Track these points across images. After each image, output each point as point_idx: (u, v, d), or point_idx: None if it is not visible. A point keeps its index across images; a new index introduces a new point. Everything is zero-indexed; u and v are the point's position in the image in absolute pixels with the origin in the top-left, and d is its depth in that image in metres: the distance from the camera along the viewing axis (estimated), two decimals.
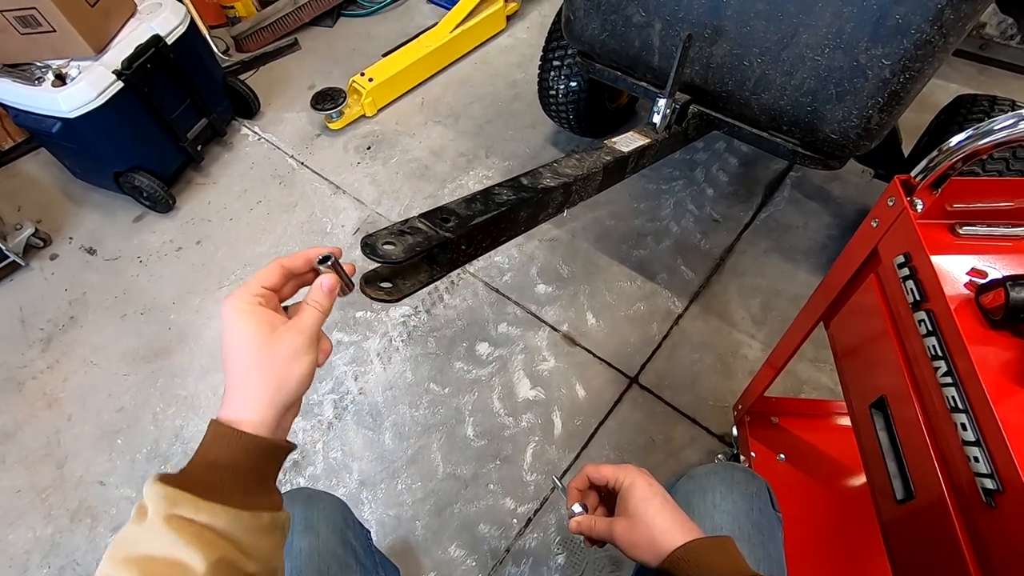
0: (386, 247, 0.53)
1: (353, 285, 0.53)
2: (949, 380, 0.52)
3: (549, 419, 1.33)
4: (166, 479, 0.42)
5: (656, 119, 1.10)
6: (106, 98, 1.49)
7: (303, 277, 0.52)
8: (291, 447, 0.48)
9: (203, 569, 0.40)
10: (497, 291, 1.56)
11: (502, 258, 1.62)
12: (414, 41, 2.10)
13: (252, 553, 0.43)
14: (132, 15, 1.60)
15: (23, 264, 1.67)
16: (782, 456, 1.07)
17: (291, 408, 0.48)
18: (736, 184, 1.72)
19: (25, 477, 1.33)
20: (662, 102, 1.08)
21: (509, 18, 2.28)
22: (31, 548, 1.24)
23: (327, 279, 0.50)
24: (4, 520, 1.27)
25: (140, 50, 1.52)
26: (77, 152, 1.65)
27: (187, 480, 0.42)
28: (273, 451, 0.46)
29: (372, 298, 0.54)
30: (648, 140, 1.04)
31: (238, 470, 0.44)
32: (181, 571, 0.39)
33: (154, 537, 0.40)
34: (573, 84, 1.58)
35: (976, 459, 0.48)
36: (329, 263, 0.50)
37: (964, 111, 1.22)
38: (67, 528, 1.26)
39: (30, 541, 1.24)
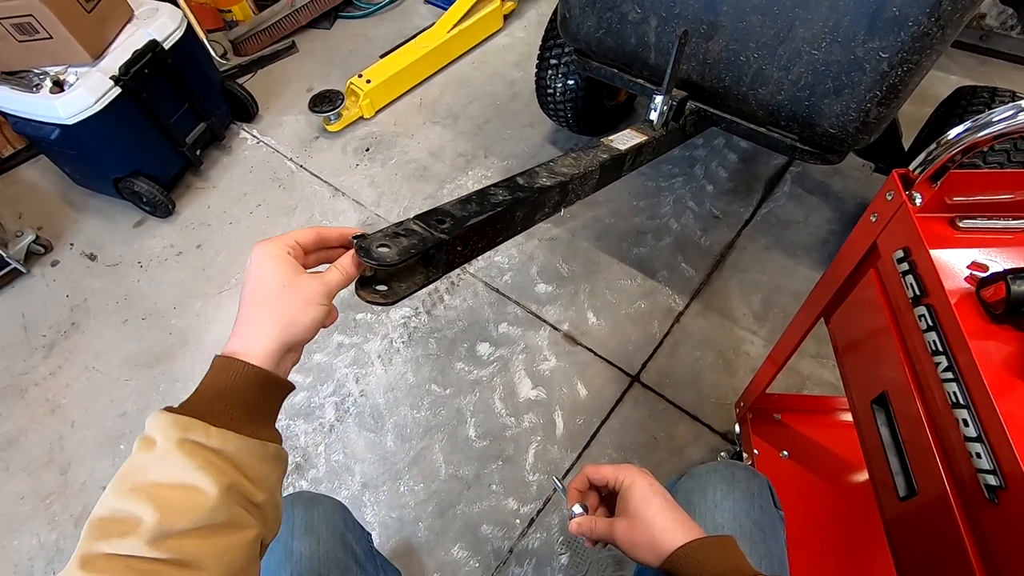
0: (381, 250, 0.52)
1: (374, 298, 0.55)
2: (950, 375, 0.52)
3: (551, 419, 1.33)
4: (173, 410, 0.43)
5: (653, 116, 1.09)
6: (104, 104, 1.49)
7: (330, 252, 0.55)
8: (292, 387, 0.50)
9: (215, 493, 0.40)
10: (497, 291, 1.55)
11: (502, 258, 1.61)
12: (411, 42, 2.10)
13: (259, 482, 0.44)
14: (129, 20, 1.60)
15: (24, 271, 1.67)
16: (785, 453, 1.07)
17: (293, 351, 0.50)
18: (736, 180, 1.71)
19: (29, 483, 1.33)
20: (659, 99, 1.08)
21: (506, 17, 2.27)
22: (35, 554, 1.24)
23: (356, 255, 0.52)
24: (8, 527, 1.28)
25: (137, 55, 1.52)
26: (76, 158, 1.66)
27: (195, 409, 0.43)
28: (277, 384, 0.48)
29: (368, 301, 0.54)
30: (645, 137, 1.04)
31: (245, 398, 0.45)
32: (193, 495, 0.40)
33: (165, 463, 0.40)
34: (571, 82, 1.58)
35: (978, 455, 0.48)
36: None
37: (964, 103, 1.21)
38: (71, 534, 1.26)
39: (34, 547, 1.25)
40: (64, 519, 1.28)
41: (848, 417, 1.11)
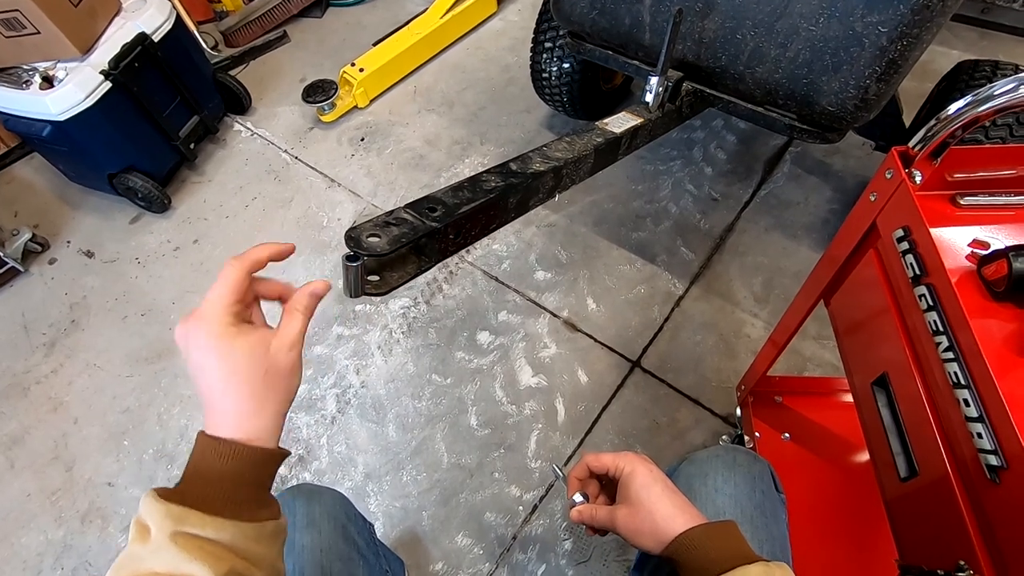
0: (371, 239, 0.52)
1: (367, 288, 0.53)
2: (951, 355, 0.51)
3: (552, 406, 1.33)
4: (165, 495, 0.42)
5: (649, 98, 1.07)
6: (95, 99, 1.47)
7: (265, 285, 0.51)
8: (286, 453, 0.48)
9: None
10: (496, 279, 1.55)
11: (500, 246, 1.60)
12: (404, 29, 2.07)
13: (258, 562, 0.44)
14: (117, 13, 1.58)
15: (22, 270, 1.67)
16: (786, 435, 1.07)
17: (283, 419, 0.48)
18: (735, 162, 1.69)
19: (35, 481, 1.34)
20: (654, 80, 1.06)
21: (500, 1, 2.24)
22: (44, 551, 1.25)
23: (319, 285, 0.49)
24: (16, 523, 1.29)
25: (127, 49, 1.50)
26: (69, 155, 1.64)
27: (188, 495, 0.42)
28: (275, 459, 0.47)
29: (359, 293, 0.53)
30: (641, 120, 1.02)
31: (239, 482, 0.44)
32: None
33: (160, 556, 0.40)
34: (566, 66, 1.55)
35: (979, 435, 0.47)
36: (356, 264, 0.49)
37: (966, 78, 1.19)
38: (78, 530, 1.27)
39: (42, 544, 1.26)
40: (71, 515, 1.28)
41: (849, 398, 1.10)
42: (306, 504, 0.72)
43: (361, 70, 1.93)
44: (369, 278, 0.55)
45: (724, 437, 1.24)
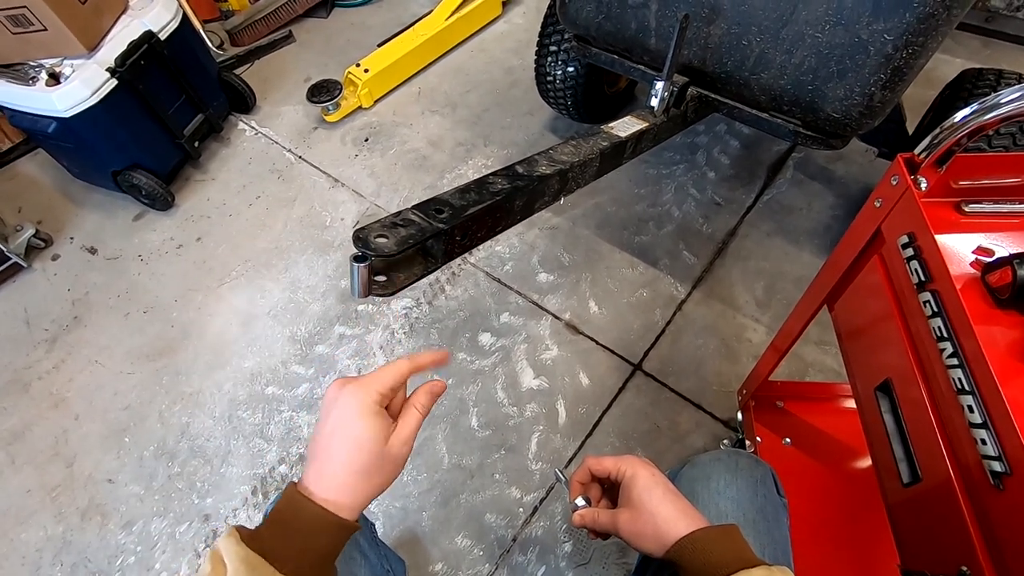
0: (379, 240, 0.52)
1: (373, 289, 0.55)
2: (955, 361, 0.51)
3: (553, 408, 1.33)
4: (248, 537, 0.45)
5: (654, 102, 1.08)
6: (101, 96, 1.48)
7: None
8: (358, 527, 0.51)
9: None
10: (499, 281, 1.55)
11: (503, 247, 1.61)
12: (409, 30, 2.08)
13: None
14: (124, 11, 1.59)
15: (25, 265, 1.67)
16: (787, 440, 1.07)
17: None
18: (738, 167, 1.70)
19: (35, 477, 1.34)
20: (660, 85, 1.06)
21: (505, 4, 2.25)
22: (43, 546, 1.25)
23: (437, 385, 0.55)
24: (16, 519, 1.28)
25: (133, 47, 1.50)
26: (74, 152, 1.65)
27: (270, 545, 0.45)
28: (350, 532, 0.49)
29: (365, 293, 0.54)
30: (646, 124, 1.02)
31: (321, 548, 0.47)
32: None
33: None
34: (570, 69, 1.56)
35: (983, 441, 0.47)
36: (364, 264, 0.52)
37: (969, 86, 1.20)
38: (78, 526, 1.27)
39: (42, 540, 1.26)
40: (70, 511, 1.28)
41: (851, 404, 1.10)
42: None
43: (366, 71, 1.94)
44: (376, 278, 0.55)
45: (725, 441, 1.24)
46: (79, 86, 1.44)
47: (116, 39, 1.51)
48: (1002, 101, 0.51)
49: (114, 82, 1.49)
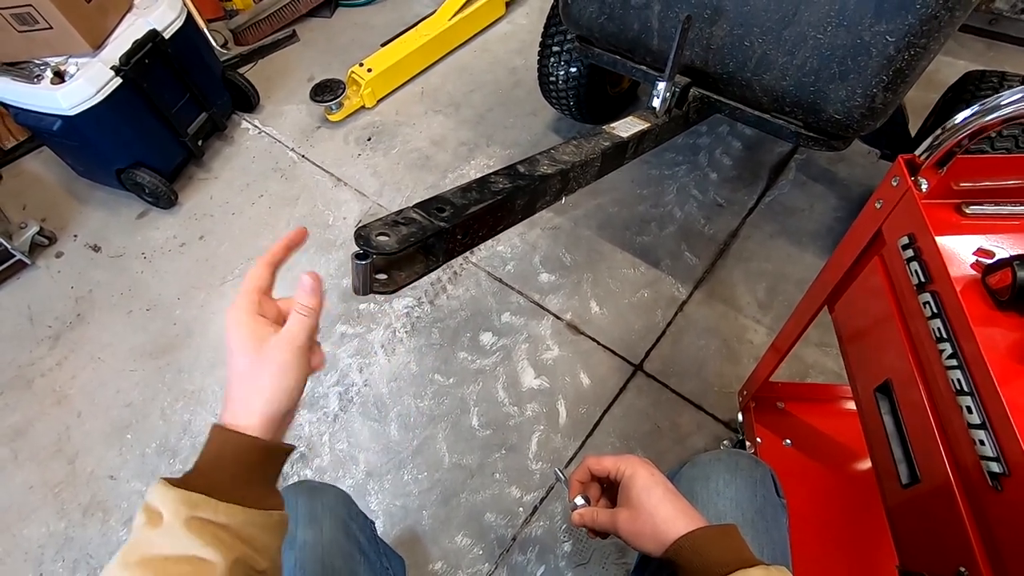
0: (380, 238, 0.52)
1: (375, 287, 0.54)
2: (954, 363, 0.51)
3: (554, 408, 1.33)
4: (177, 483, 0.43)
5: (656, 103, 1.08)
6: (105, 94, 1.48)
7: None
8: (291, 448, 0.50)
9: (223, 568, 0.41)
10: (500, 280, 1.55)
11: (504, 247, 1.61)
12: (413, 30, 2.08)
13: (263, 551, 0.45)
14: (129, 10, 1.59)
15: (29, 262, 1.68)
16: (788, 441, 1.07)
17: (284, 417, 0.49)
18: (740, 168, 1.70)
19: (37, 473, 1.34)
20: (662, 85, 1.06)
21: (508, 4, 2.25)
22: (45, 543, 1.25)
23: (306, 278, 0.49)
24: (18, 515, 1.29)
25: (138, 45, 1.51)
26: (78, 149, 1.66)
27: (200, 482, 0.44)
28: (276, 452, 0.48)
29: (367, 291, 0.54)
30: (648, 125, 1.03)
31: (248, 470, 0.46)
32: (201, 571, 0.41)
33: (172, 541, 0.41)
34: (573, 70, 1.56)
35: (982, 442, 0.47)
36: (365, 262, 0.51)
37: (972, 88, 1.19)
38: (80, 523, 1.27)
39: (44, 536, 1.26)
40: (72, 508, 1.29)
41: (851, 405, 1.10)
42: (308, 500, 0.72)
43: (369, 70, 1.94)
44: (377, 276, 0.55)
45: (725, 442, 1.24)
46: (84, 84, 1.45)
47: (121, 38, 1.52)
48: (1004, 102, 0.52)
49: (118, 81, 1.50)
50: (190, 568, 0.41)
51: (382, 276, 0.56)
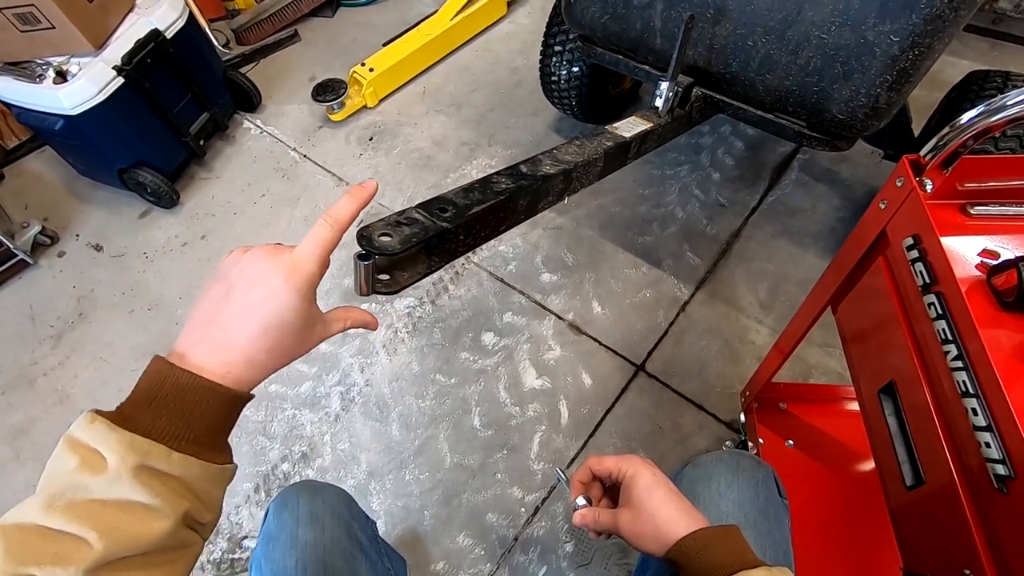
0: (382, 239, 0.52)
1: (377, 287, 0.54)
2: (959, 364, 0.51)
3: (556, 408, 1.33)
4: (119, 422, 0.38)
5: (659, 103, 1.08)
6: (107, 94, 1.48)
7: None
8: (251, 397, 0.45)
9: (171, 522, 0.38)
10: (502, 280, 1.55)
11: (506, 247, 1.61)
12: (414, 30, 2.08)
13: (211, 504, 0.43)
14: (131, 10, 1.59)
15: (31, 262, 1.68)
16: (790, 442, 1.07)
17: (274, 364, 0.46)
18: (742, 168, 1.69)
19: (40, 472, 1.33)
20: (664, 85, 1.06)
21: (510, 4, 2.25)
22: None
23: (361, 315, 0.52)
24: None
25: (139, 45, 1.51)
26: (80, 149, 1.66)
27: (150, 426, 0.39)
28: (243, 403, 0.44)
29: (370, 292, 0.54)
30: (651, 125, 1.02)
31: (212, 421, 0.42)
32: (146, 523, 0.37)
33: (116, 489, 0.37)
34: (575, 69, 1.56)
35: (987, 444, 0.47)
36: (368, 262, 0.51)
37: (976, 88, 1.19)
38: None
39: None
40: None
41: (854, 406, 1.10)
42: (309, 500, 0.72)
43: (371, 70, 1.94)
44: (380, 277, 0.55)
45: (727, 443, 1.23)
46: (86, 84, 1.45)
47: (123, 37, 1.52)
48: (1009, 103, 0.51)
49: (120, 80, 1.49)
50: (132, 517, 0.37)
51: (384, 277, 0.55)
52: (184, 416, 0.40)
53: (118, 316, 1.58)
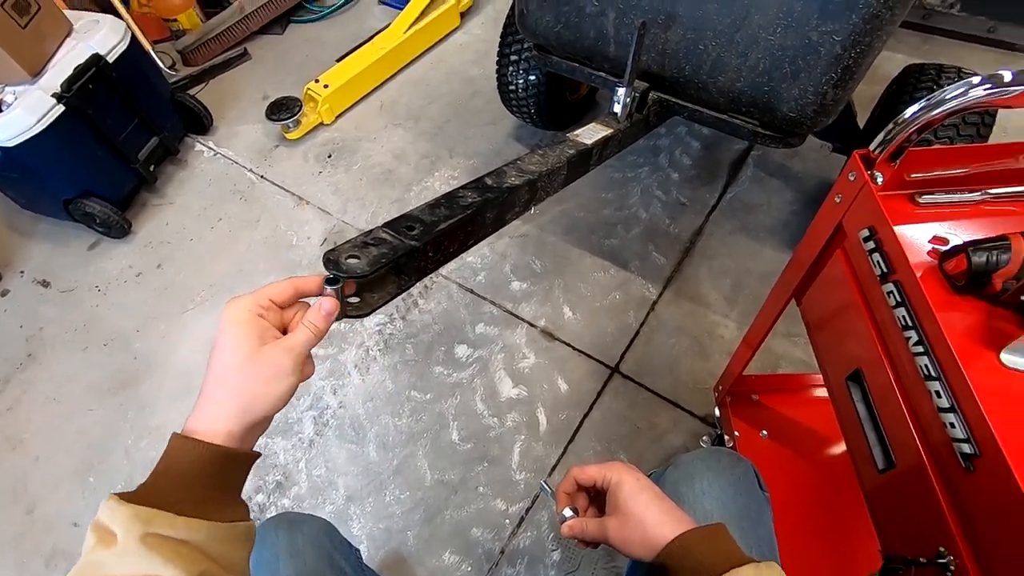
0: (350, 261, 0.51)
1: (347, 310, 0.53)
2: (920, 349, 0.53)
3: (534, 416, 1.33)
4: (129, 498, 0.40)
5: (617, 108, 1.09)
6: (47, 123, 1.42)
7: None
8: (256, 455, 0.47)
9: None
10: (472, 292, 1.54)
11: (474, 258, 1.60)
12: (368, 44, 2.06)
13: (229, 565, 0.43)
14: (68, 35, 1.53)
15: None
16: (764, 433, 1.09)
17: (259, 424, 0.47)
18: (700, 167, 1.73)
19: None
20: (621, 91, 1.08)
21: (463, 14, 2.25)
22: None
23: (328, 302, 0.49)
24: None
25: (80, 71, 1.45)
26: (21, 182, 1.58)
27: (155, 496, 0.41)
28: (238, 460, 0.45)
29: (341, 315, 0.52)
30: (610, 130, 1.04)
31: (209, 480, 0.43)
32: None
33: (127, 560, 0.38)
34: (532, 78, 1.57)
35: (952, 425, 0.49)
36: (337, 286, 0.49)
37: (913, 80, 1.25)
38: (42, 574, 1.20)
39: None
40: (33, 559, 1.22)
41: (823, 393, 1.13)
42: (288, 533, 0.70)
43: (326, 86, 1.91)
44: (349, 300, 0.54)
45: (704, 438, 1.25)
46: (22, 113, 1.38)
47: (61, 63, 1.46)
48: (947, 97, 0.54)
49: (61, 108, 1.43)
50: None
51: (354, 299, 0.54)
52: (183, 480, 0.42)
53: (71, 354, 1.51)
